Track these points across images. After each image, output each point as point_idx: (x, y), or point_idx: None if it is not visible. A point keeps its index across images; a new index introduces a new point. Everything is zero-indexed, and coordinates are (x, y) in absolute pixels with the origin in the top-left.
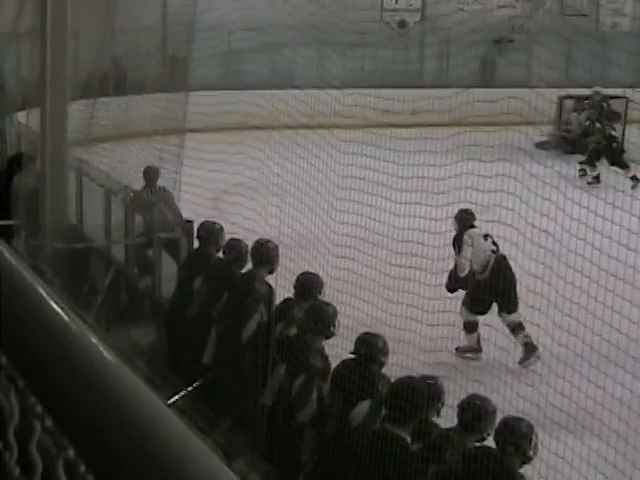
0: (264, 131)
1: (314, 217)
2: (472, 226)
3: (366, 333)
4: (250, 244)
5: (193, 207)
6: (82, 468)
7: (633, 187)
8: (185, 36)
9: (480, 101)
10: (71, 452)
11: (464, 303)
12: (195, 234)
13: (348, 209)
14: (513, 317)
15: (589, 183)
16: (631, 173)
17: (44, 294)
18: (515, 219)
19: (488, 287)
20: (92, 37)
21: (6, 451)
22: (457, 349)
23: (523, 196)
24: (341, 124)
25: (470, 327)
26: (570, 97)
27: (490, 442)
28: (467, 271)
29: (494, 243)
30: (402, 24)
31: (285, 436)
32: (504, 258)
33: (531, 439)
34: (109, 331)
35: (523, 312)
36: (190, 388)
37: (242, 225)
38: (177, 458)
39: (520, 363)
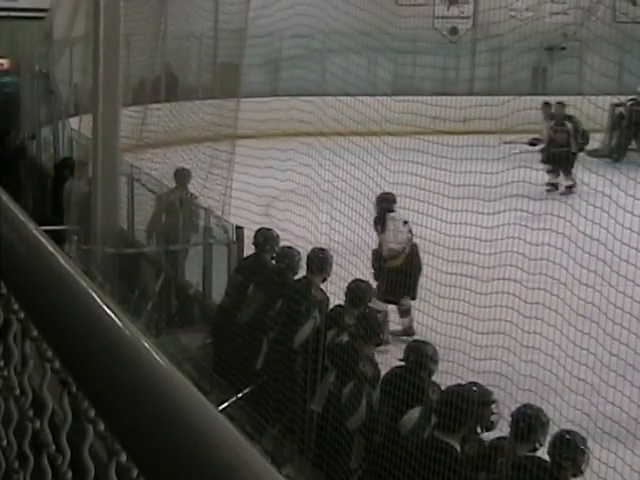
0: (314, 138)
1: (364, 224)
2: (391, 210)
3: (415, 341)
4: (300, 251)
5: (243, 213)
6: (134, 473)
7: (548, 191)
8: (236, 43)
9: (532, 109)
10: (123, 457)
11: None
12: (252, 240)
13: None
14: (411, 302)
15: (562, 194)
16: (569, 182)
17: (97, 299)
18: (566, 227)
19: (402, 275)
20: (144, 44)
21: (59, 455)
22: (391, 333)
23: (574, 204)
24: (391, 131)
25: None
26: (622, 105)
27: (540, 453)
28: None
29: (410, 231)
30: (453, 31)
31: (334, 443)
32: (416, 246)
33: (585, 452)
34: (159, 336)
35: (574, 321)
36: (240, 394)
37: (292, 232)
38: (229, 464)
39: (392, 333)
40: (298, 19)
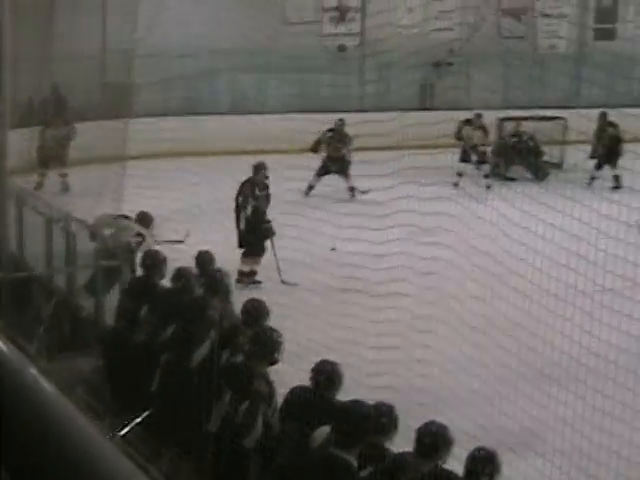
0: (203, 157)
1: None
2: None
3: (322, 361)
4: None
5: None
6: None
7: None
8: (125, 63)
9: (420, 124)
10: None
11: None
12: (140, 262)
13: (285, 234)
14: None
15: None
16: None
17: None
18: (456, 241)
19: None
20: (31, 65)
21: None
22: None
23: (464, 218)
24: (282, 149)
25: None
26: (510, 119)
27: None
28: None
29: None
30: (341, 48)
31: (231, 462)
32: None
33: (499, 469)
34: (52, 361)
35: (465, 333)
36: (140, 419)
37: (185, 251)
38: None
39: None
40: (185, 39)
